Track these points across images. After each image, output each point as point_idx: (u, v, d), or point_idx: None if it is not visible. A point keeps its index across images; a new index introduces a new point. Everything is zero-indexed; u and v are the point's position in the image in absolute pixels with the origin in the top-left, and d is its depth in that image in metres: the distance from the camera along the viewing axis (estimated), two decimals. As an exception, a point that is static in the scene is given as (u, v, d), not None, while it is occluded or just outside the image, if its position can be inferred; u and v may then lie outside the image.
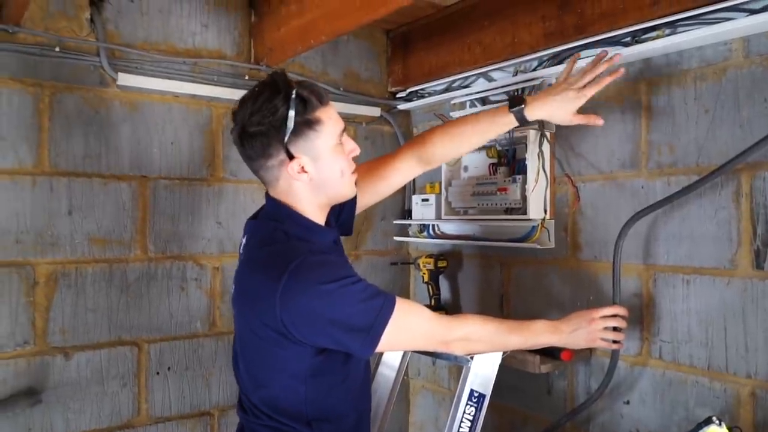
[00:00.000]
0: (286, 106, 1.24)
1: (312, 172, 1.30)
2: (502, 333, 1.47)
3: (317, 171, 1.31)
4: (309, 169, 1.30)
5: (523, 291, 2.10)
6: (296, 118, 1.25)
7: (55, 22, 1.84)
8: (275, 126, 1.25)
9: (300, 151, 1.28)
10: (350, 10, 1.68)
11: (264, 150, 1.28)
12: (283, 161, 1.28)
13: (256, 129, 1.26)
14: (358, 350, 1.28)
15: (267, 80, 1.30)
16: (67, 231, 1.87)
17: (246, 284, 1.36)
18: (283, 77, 1.29)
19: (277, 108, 1.24)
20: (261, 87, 1.28)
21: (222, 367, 2.14)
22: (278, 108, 1.24)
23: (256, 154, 1.30)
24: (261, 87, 1.28)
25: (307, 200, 1.35)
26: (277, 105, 1.24)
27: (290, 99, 1.24)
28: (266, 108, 1.24)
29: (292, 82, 1.28)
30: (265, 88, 1.27)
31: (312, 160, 1.30)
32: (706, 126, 1.59)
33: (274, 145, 1.27)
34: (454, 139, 1.66)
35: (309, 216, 1.35)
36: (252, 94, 1.29)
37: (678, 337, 1.65)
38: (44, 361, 1.83)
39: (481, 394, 1.54)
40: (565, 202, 1.94)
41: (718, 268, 1.57)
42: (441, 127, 1.71)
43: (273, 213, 1.37)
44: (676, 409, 1.65)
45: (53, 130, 1.85)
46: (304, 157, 1.29)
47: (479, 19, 2.09)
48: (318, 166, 1.31)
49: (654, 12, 1.60)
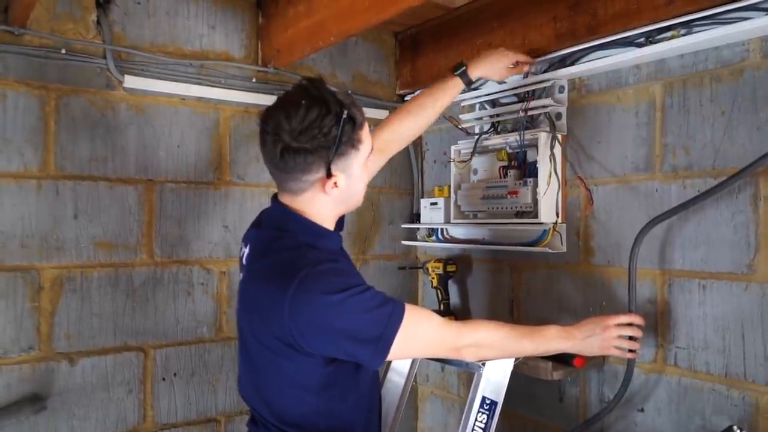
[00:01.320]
0: (338, 127, 1.21)
1: (343, 188, 1.29)
2: (515, 339, 1.44)
3: (347, 186, 1.30)
4: (341, 184, 1.28)
5: (533, 296, 2.07)
6: (343, 138, 1.23)
7: (61, 24, 1.83)
8: (324, 146, 1.22)
9: (338, 169, 1.26)
10: (359, 10, 1.66)
11: (305, 167, 1.24)
12: (320, 178, 1.27)
13: (303, 146, 1.21)
14: (369, 360, 1.25)
15: (314, 92, 1.23)
16: (73, 235, 1.85)
17: (252, 296, 1.32)
18: (330, 90, 1.25)
19: (329, 129, 1.21)
20: (309, 101, 1.21)
21: (228, 372, 2.11)
22: (330, 129, 1.21)
23: (294, 169, 1.25)
24: (309, 101, 1.21)
25: (325, 210, 1.34)
26: (328, 125, 1.21)
27: (342, 119, 1.22)
28: (317, 127, 1.20)
29: (340, 98, 1.24)
30: (314, 104, 1.21)
31: (346, 177, 1.29)
32: (723, 128, 1.56)
33: (317, 163, 1.24)
34: (411, 117, 1.76)
35: (319, 222, 1.33)
36: (298, 106, 1.21)
37: (694, 343, 1.62)
38: (49, 366, 1.81)
39: (493, 401, 1.51)
40: (577, 206, 1.90)
41: (736, 273, 1.53)
42: (393, 114, 1.80)
43: (279, 220, 1.34)
44: (692, 418, 1.62)
45: (59, 133, 1.83)
46: (341, 174, 1.27)
47: (489, 21, 2.07)
48: (349, 182, 1.30)
49: (669, 12, 1.57)
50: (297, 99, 1.22)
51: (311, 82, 1.26)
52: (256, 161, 2.18)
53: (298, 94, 1.24)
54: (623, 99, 1.78)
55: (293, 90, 1.27)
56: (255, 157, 2.17)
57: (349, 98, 1.26)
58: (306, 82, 1.26)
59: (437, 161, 2.49)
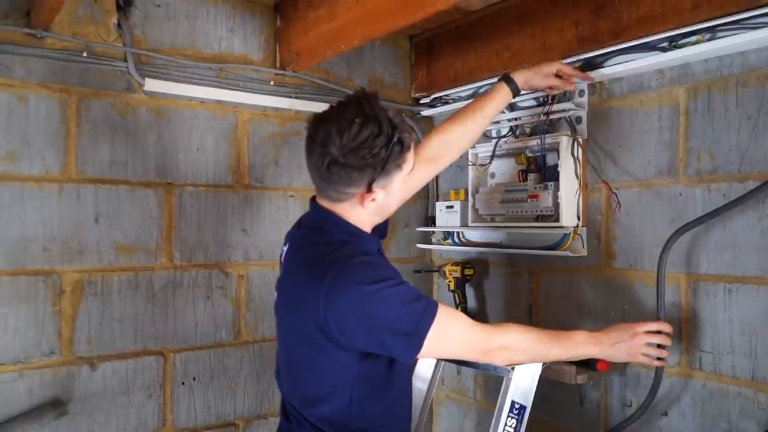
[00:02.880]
0: (387, 149, 1.22)
1: (380, 201, 1.31)
2: (544, 343, 1.45)
3: (384, 200, 1.32)
4: (379, 199, 1.30)
5: (553, 300, 2.07)
6: (390, 160, 1.24)
7: (82, 27, 1.82)
8: (371, 167, 1.23)
9: (380, 187, 1.28)
10: (384, 14, 1.66)
11: (348, 181, 1.26)
12: (360, 192, 1.28)
13: (351, 163, 1.22)
14: (402, 354, 1.27)
15: (368, 111, 1.22)
16: (94, 239, 1.84)
17: (290, 289, 1.35)
18: (383, 109, 1.24)
19: (378, 150, 1.22)
20: (363, 119, 1.21)
21: (247, 377, 2.11)
22: (380, 151, 1.22)
23: (337, 182, 1.26)
24: (363, 119, 1.21)
25: (361, 217, 1.35)
26: (378, 146, 1.21)
27: (392, 142, 1.23)
28: (367, 147, 1.21)
29: (393, 119, 1.24)
30: (368, 124, 1.21)
31: (385, 194, 1.31)
32: (749, 132, 1.56)
33: (361, 180, 1.25)
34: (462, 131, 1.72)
35: (358, 225, 1.35)
36: (352, 123, 1.21)
37: (720, 347, 1.62)
38: (70, 371, 1.80)
39: (522, 405, 1.51)
40: (598, 210, 1.90)
41: (763, 277, 1.53)
42: (437, 129, 1.74)
43: (318, 220, 1.37)
44: (718, 422, 1.62)
45: (80, 137, 1.82)
46: (381, 191, 1.29)
47: (507, 24, 2.07)
48: (387, 198, 1.32)
49: (694, 17, 1.57)
50: (352, 116, 1.22)
51: (366, 97, 1.26)
52: (275, 164, 2.17)
53: (352, 109, 1.23)
54: (646, 103, 1.78)
55: (348, 102, 1.26)
56: (273, 160, 2.17)
57: (400, 118, 1.27)
58: (362, 96, 1.26)
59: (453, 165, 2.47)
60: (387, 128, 1.22)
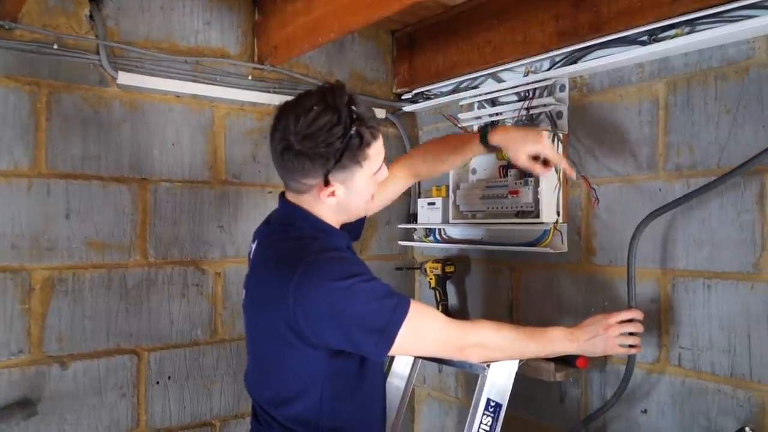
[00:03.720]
0: (342, 141, 1.19)
1: (341, 197, 1.28)
2: (520, 340, 1.43)
3: (346, 198, 1.29)
4: (339, 194, 1.27)
5: (533, 296, 2.05)
6: (347, 153, 1.21)
7: (53, 18, 1.78)
8: (324, 156, 1.20)
9: (338, 181, 1.25)
10: (361, 6, 1.63)
11: (304, 170, 1.23)
12: (317, 184, 1.25)
13: (305, 150, 1.19)
14: (372, 351, 1.24)
15: (329, 100, 1.20)
16: (64, 235, 1.80)
17: (258, 286, 1.32)
18: (346, 100, 1.21)
19: (333, 140, 1.18)
20: (322, 107, 1.19)
21: (224, 375, 2.07)
22: (334, 141, 1.18)
23: (291, 169, 1.24)
24: (322, 107, 1.19)
25: (325, 214, 1.33)
26: (334, 137, 1.18)
27: (348, 134, 1.19)
28: (322, 136, 1.18)
29: (353, 111, 1.20)
30: (327, 112, 1.18)
31: (346, 189, 1.27)
32: (728, 126, 1.54)
33: (316, 170, 1.22)
34: (435, 159, 1.72)
35: (325, 220, 1.33)
36: (310, 110, 1.19)
37: (698, 343, 1.60)
38: (40, 370, 1.76)
39: (498, 403, 1.49)
40: (579, 205, 1.89)
41: (741, 272, 1.52)
42: (424, 147, 1.82)
43: (286, 216, 1.35)
44: (696, 419, 1.60)
45: (51, 131, 1.78)
46: (339, 185, 1.26)
47: (488, 18, 2.05)
48: (348, 194, 1.29)
49: (674, 10, 1.56)
50: (312, 102, 1.20)
51: (332, 88, 1.23)
52: (252, 160, 2.14)
53: (314, 98, 1.21)
54: (626, 98, 1.76)
55: (313, 92, 1.24)
56: (251, 156, 2.14)
57: (368, 114, 1.24)
58: (327, 88, 1.24)
59: (434, 161, 2.46)
60: (346, 119, 1.19)
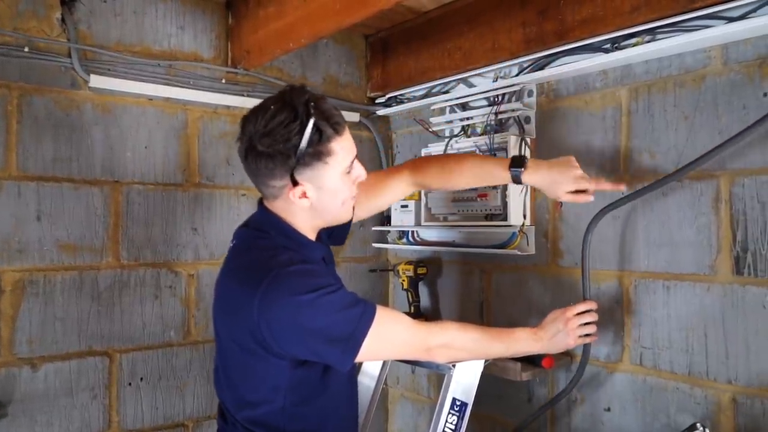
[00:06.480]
0: (300, 136, 1.18)
1: (313, 199, 1.27)
2: (485, 341, 1.46)
3: (318, 199, 1.28)
4: (311, 195, 1.26)
5: (503, 298, 2.09)
6: (308, 149, 1.20)
7: (24, 21, 1.79)
8: (284, 153, 1.20)
9: (305, 179, 1.24)
10: (330, 12, 1.66)
11: (268, 171, 1.23)
12: (286, 185, 1.25)
13: (265, 150, 1.20)
14: (338, 361, 1.26)
15: (287, 98, 1.21)
16: (35, 237, 1.80)
17: (225, 295, 1.33)
18: (305, 99, 1.21)
19: (290, 136, 1.18)
20: (279, 105, 1.20)
21: (197, 377, 2.08)
22: (291, 136, 1.18)
23: (259, 172, 1.24)
24: (279, 105, 1.20)
25: (301, 219, 1.33)
26: (291, 132, 1.18)
27: (305, 129, 1.19)
28: (279, 132, 1.18)
29: (311, 106, 1.20)
30: (284, 109, 1.19)
31: (316, 189, 1.26)
32: (686, 133, 1.59)
33: (280, 170, 1.22)
34: (449, 176, 1.67)
35: (300, 230, 1.33)
36: (268, 109, 1.20)
37: (659, 343, 1.65)
38: (10, 372, 1.76)
39: (464, 402, 1.52)
40: (546, 208, 1.93)
41: (699, 274, 1.57)
42: (440, 159, 1.74)
43: (261, 222, 1.35)
44: (657, 416, 1.65)
45: (22, 133, 1.78)
46: (308, 184, 1.25)
47: (459, 25, 2.08)
48: (320, 195, 1.27)
49: (634, 18, 1.60)
50: (270, 103, 1.21)
51: (291, 88, 1.24)
52: (226, 163, 2.15)
53: (273, 99, 1.23)
54: (591, 104, 1.81)
55: (274, 95, 1.25)
56: (224, 158, 2.15)
57: (327, 108, 1.23)
58: (287, 89, 1.25)
59: (408, 164, 2.49)
60: (302, 115, 1.19)
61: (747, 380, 1.48)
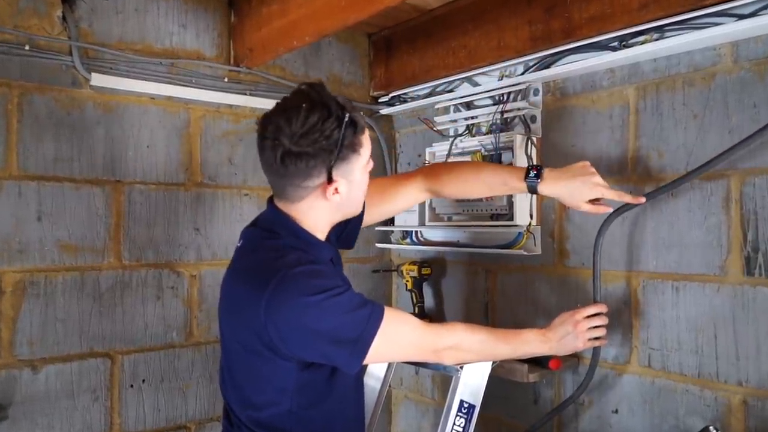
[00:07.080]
0: (339, 130, 1.19)
1: (344, 194, 1.27)
2: (493, 342, 1.45)
3: (348, 192, 1.28)
4: (342, 190, 1.26)
5: (508, 298, 2.07)
6: (345, 142, 1.20)
7: (25, 19, 1.76)
8: (327, 150, 1.19)
9: (339, 175, 1.24)
10: (336, 10, 1.64)
11: (307, 171, 1.21)
12: (320, 184, 1.24)
13: (305, 150, 1.18)
14: (346, 364, 1.24)
15: (314, 96, 1.21)
16: (36, 238, 1.78)
17: (232, 296, 1.32)
18: (330, 95, 1.22)
19: (330, 132, 1.18)
20: (309, 104, 1.19)
21: (199, 378, 2.06)
22: (332, 132, 1.18)
23: (294, 174, 1.22)
24: (309, 104, 1.19)
25: (320, 217, 1.32)
26: (330, 128, 1.18)
27: (343, 123, 1.19)
28: (318, 130, 1.17)
29: (341, 102, 1.21)
30: (315, 108, 1.18)
31: (347, 183, 1.26)
32: (695, 131, 1.58)
33: (318, 168, 1.21)
34: (465, 185, 1.66)
35: (310, 230, 1.32)
36: (299, 110, 1.18)
37: (667, 344, 1.63)
38: (10, 374, 1.74)
39: (471, 404, 1.50)
40: (552, 208, 1.91)
41: (708, 274, 1.55)
42: (454, 167, 1.71)
43: (271, 222, 1.33)
44: (666, 418, 1.63)
45: (22, 132, 1.76)
46: (342, 180, 1.25)
47: (464, 23, 2.06)
48: (350, 188, 1.28)
49: (642, 16, 1.58)
50: (298, 103, 1.20)
51: (312, 86, 1.23)
52: (228, 163, 2.13)
53: (298, 99, 1.21)
54: (597, 102, 1.79)
55: (293, 95, 1.24)
56: (227, 158, 2.13)
57: (349, 102, 1.24)
58: (306, 87, 1.23)
59: (411, 163, 2.48)
60: (336, 110, 1.19)
61: (758, 382, 1.46)
